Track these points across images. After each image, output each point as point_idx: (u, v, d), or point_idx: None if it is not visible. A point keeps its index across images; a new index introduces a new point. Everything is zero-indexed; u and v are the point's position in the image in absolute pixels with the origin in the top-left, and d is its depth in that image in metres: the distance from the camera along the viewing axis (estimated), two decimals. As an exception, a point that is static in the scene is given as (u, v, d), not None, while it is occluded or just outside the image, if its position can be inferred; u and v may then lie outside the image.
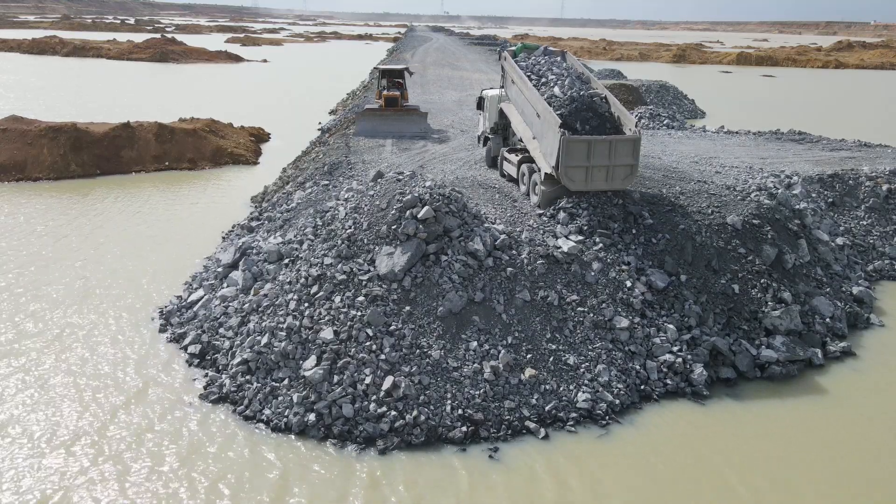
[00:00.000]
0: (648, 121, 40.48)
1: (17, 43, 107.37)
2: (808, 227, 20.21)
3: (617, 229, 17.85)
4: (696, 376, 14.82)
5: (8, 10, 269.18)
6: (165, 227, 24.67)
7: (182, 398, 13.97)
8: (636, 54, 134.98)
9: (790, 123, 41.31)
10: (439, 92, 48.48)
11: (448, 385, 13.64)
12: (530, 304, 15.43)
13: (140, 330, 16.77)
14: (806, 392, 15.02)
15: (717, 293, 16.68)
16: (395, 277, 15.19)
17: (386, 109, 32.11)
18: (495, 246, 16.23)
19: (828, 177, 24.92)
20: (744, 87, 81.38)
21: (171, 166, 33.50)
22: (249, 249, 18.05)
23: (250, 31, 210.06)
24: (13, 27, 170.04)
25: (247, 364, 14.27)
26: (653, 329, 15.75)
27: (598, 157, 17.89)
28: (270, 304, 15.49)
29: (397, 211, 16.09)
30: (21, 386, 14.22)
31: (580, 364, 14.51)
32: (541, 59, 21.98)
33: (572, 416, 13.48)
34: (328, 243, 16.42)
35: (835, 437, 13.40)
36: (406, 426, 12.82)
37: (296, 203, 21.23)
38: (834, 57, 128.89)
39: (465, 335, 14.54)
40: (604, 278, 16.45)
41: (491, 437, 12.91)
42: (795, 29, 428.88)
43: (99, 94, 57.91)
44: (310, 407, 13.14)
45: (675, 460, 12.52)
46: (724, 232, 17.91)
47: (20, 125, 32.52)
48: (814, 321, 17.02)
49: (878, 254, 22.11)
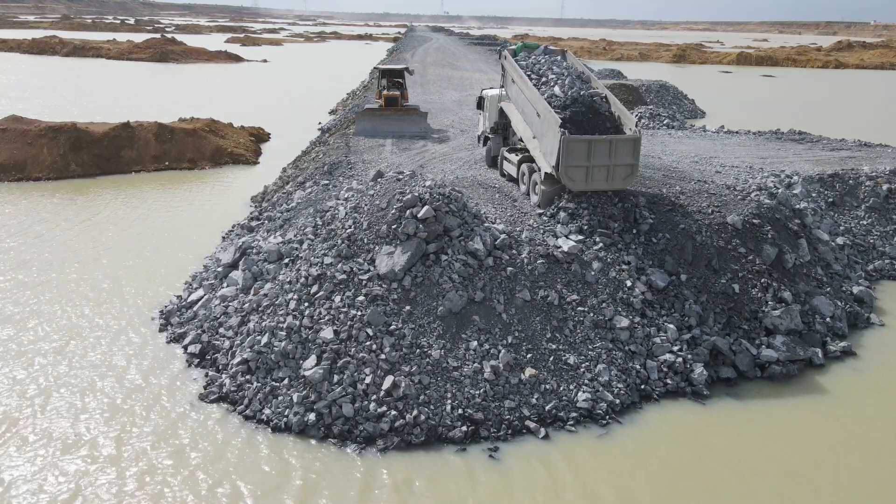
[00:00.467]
0: (648, 120, 40.48)
1: (16, 43, 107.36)
2: (808, 227, 20.19)
3: (617, 229, 17.83)
4: (697, 376, 14.82)
5: (8, 10, 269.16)
6: (165, 226, 24.66)
7: (181, 398, 13.95)
8: (636, 54, 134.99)
9: (790, 123, 41.30)
10: (439, 92, 48.46)
11: (448, 385, 13.63)
12: (530, 303, 15.42)
13: (140, 330, 16.75)
14: (806, 392, 15.01)
15: (718, 293, 16.67)
16: (395, 277, 15.18)
17: (386, 109, 32.10)
18: (495, 245, 16.22)
19: (828, 176, 24.91)
20: (744, 87, 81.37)
21: (171, 166, 33.49)
22: (249, 249, 18.04)
23: (250, 31, 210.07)
24: (13, 27, 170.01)
25: (247, 364, 14.26)
26: (653, 329, 15.74)
27: (599, 157, 17.86)
28: (270, 304, 15.48)
29: (397, 210, 16.07)
30: (18, 385, 14.20)
31: (580, 364, 14.50)
32: (541, 59, 21.97)
33: (572, 416, 13.47)
34: (328, 243, 16.41)
35: (835, 437, 13.39)
36: (406, 426, 12.81)
37: (296, 203, 21.23)
38: (834, 57, 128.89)
39: (466, 335, 14.53)
40: (604, 278, 16.44)
41: (491, 436, 12.90)
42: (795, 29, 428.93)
43: (99, 94, 57.90)
44: (310, 406, 13.13)
45: (675, 460, 12.51)
46: (724, 231, 17.90)
47: (20, 125, 32.51)
48: (814, 321, 17.01)
49: (878, 253, 22.10)
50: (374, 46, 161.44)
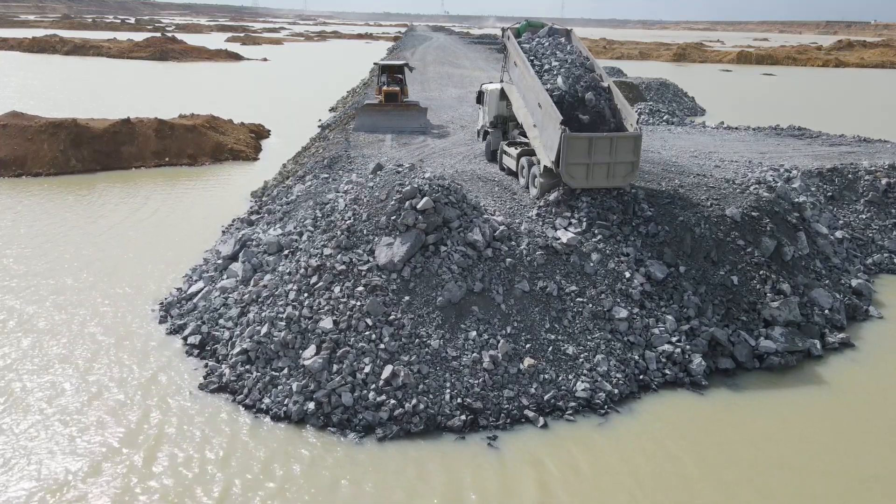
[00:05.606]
0: (648, 117, 40.52)
1: (17, 42, 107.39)
2: (807, 221, 20.23)
3: (616, 221, 17.86)
4: (695, 366, 14.85)
5: (8, 9, 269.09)
6: (165, 221, 24.69)
7: (181, 388, 13.99)
8: (636, 53, 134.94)
9: (790, 120, 41.29)
10: (439, 89, 48.47)
11: (447, 374, 13.67)
12: (529, 294, 15.46)
13: (140, 321, 16.79)
14: (804, 382, 15.05)
15: (716, 284, 16.70)
16: (395, 268, 15.21)
17: (386, 105, 32.13)
18: (494, 237, 16.26)
19: (827, 171, 24.94)
20: (744, 86, 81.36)
21: (171, 162, 33.51)
22: (249, 241, 18.08)
23: (251, 30, 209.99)
24: (13, 26, 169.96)
25: (246, 354, 14.30)
26: (652, 320, 15.78)
27: (599, 154, 17.82)
28: (270, 295, 15.52)
29: (397, 202, 16.11)
30: (17, 375, 14.24)
31: (579, 354, 14.54)
32: (545, 42, 21.64)
33: (571, 406, 13.50)
34: (328, 234, 16.44)
35: (833, 427, 13.43)
36: (405, 414, 12.85)
37: (296, 196, 21.26)
38: (834, 56, 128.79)
39: (465, 325, 14.56)
40: (603, 269, 16.48)
41: (490, 425, 12.94)
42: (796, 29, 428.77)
43: (99, 92, 57.92)
44: (309, 396, 13.17)
45: (673, 449, 12.54)
46: (723, 224, 17.93)
47: (20, 121, 32.55)
48: (812, 313, 17.04)
49: (877, 247, 22.14)
50: (375, 45, 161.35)
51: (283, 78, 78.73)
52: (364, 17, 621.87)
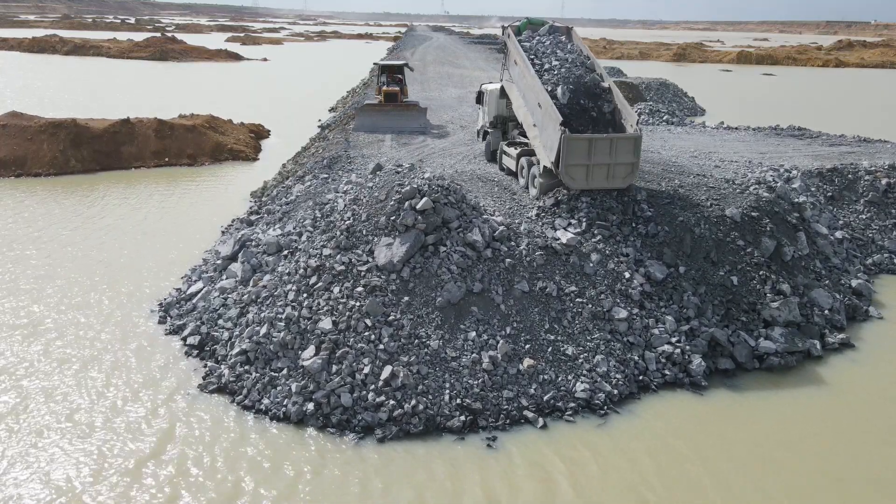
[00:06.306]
0: (648, 117, 40.50)
1: (17, 42, 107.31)
2: (807, 221, 20.21)
3: (616, 221, 17.84)
4: (695, 367, 14.83)
5: (8, 9, 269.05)
6: (164, 221, 24.68)
7: (180, 388, 13.97)
8: (636, 53, 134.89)
9: (790, 120, 41.28)
10: (439, 89, 48.45)
11: (446, 375, 13.65)
12: (529, 294, 15.44)
13: (139, 322, 16.77)
14: (804, 383, 15.03)
15: (716, 285, 16.68)
16: (394, 268, 15.19)
17: (385, 105, 32.11)
18: (494, 237, 16.24)
19: (827, 171, 24.93)
20: (744, 86, 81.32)
21: (171, 162, 33.48)
22: (249, 241, 18.06)
23: (250, 30, 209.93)
24: (13, 26, 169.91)
25: (246, 354, 14.28)
26: (651, 320, 15.76)
27: (599, 156, 17.80)
28: (269, 295, 15.50)
29: (396, 202, 16.09)
30: (16, 377, 14.22)
31: (579, 354, 14.52)
32: (545, 40, 21.61)
33: (570, 406, 13.48)
34: (327, 234, 16.43)
35: (833, 428, 13.41)
36: (404, 415, 12.83)
37: (295, 196, 21.25)
38: (834, 56, 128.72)
39: (464, 325, 14.54)
40: (602, 269, 16.46)
41: (489, 426, 12.92)
42: (796, 29, 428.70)
43: (99, 92, 57.89)
44: (308, 396, 13.16)
45: (673, 450, 12.52)
46: (722, 224, 17.91)
47: (20, 121, 32.52)
48: (812, 313, 17.02)
49: (877, 247, 22.12)
50: (375, 45, 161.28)
51: (282, 78, 78.68)
52: (364, 17, 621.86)
